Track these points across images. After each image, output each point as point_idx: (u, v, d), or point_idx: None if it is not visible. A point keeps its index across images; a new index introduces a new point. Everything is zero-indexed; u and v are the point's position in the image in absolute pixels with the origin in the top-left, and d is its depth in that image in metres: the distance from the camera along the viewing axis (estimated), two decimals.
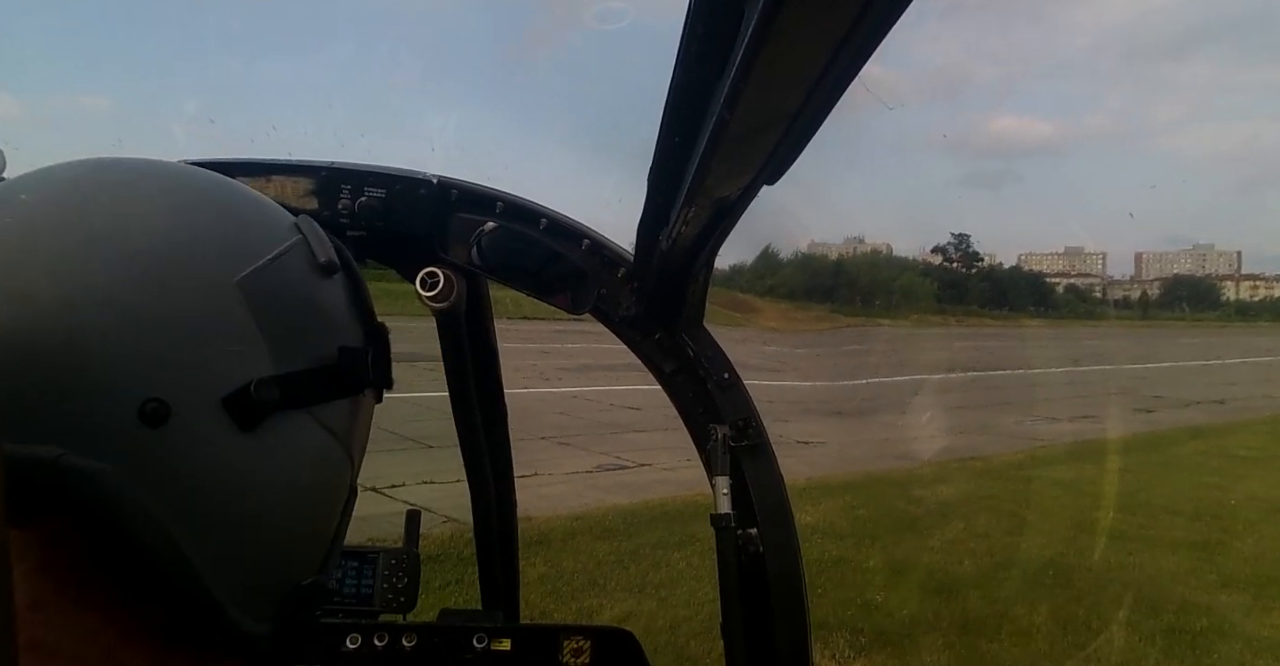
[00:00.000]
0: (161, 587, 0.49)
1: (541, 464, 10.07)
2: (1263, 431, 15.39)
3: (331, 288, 0.60)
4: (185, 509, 0.49)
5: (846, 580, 6.75)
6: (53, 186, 0.54)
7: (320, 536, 0.59)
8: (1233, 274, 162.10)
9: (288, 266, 0.56)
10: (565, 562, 6.78)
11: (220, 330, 0.51)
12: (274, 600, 0.55)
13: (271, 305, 0.54)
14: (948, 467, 11.84)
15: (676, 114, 0.63)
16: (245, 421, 0.51)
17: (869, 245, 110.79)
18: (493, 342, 1.55)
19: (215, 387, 0.50)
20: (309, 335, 0.57)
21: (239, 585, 0.52)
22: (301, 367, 0.55)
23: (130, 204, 0.53)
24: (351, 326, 0.61)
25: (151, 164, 0.59)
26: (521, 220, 1.19)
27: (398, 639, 1.44)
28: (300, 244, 0.58)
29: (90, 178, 0.55)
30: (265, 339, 0.53)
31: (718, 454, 1.14)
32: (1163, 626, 6.08)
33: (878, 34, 0.47)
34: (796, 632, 1.15)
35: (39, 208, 0.52)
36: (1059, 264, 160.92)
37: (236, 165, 1.15)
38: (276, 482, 0.53)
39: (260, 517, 0.53)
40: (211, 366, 0.50)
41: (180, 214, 0.54)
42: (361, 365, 0.60)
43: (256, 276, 0.53)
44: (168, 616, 0.50)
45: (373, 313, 0.64)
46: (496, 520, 1.67)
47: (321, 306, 0.58)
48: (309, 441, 0.56)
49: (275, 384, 0.52)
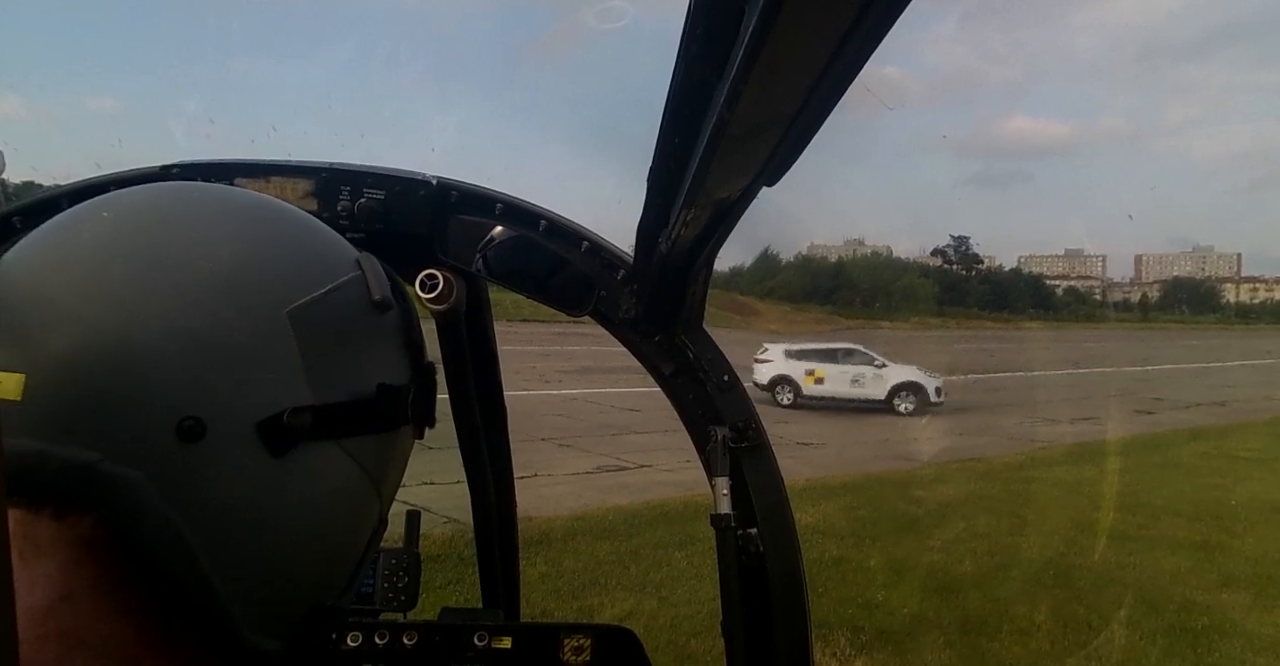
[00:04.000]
0: (176, 595, 0.50)
1: (542, 465, 10.09)
2: (1263, 433, 15.41)
3: (381, 324, 0.61)
4: (206, 522, 0.50)
5: (847, 579, 6.75)
6: (129, 209, 0.57)
7: (339, 563, 0.60)
8: (1233, 276, 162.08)
9: (340, 301, 0.58)
10: (566, 562, 6.79)
11: (263, 358, 0.53)
12: (288, 620, 0.56)
13: (318, 337, 0.55)
14: (948, 468, 11.84)
15: (676, 114, 0.63)
16: (276, 447, 0.53)
17: (869, 247, 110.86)
18: (492, 344, 1.55)
19: (251, 412, 0.52)
20: (350, 369, 0.58)
21: (252, 602, 0.53)
22: (338, 400, 0.56)
23: (197, 232, 0.55)
24: (397, 363, 0.62)
25: (226, 191, 0.61)
26: (521, 222, 1.19)
27: (398, 637, 1.44)
28: (357, 280, 0.60)
29: (165, 203, 0.58)
30: (305, 369, 0.54)
31: (718, 455, 1.13)
32: (1163, 625, 6.09)
33: (878, 34, 0.47)
34: (797, 631, 1.15)
35: (112, 230, 0.55)
36: (1059, 266, 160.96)
37: (236, 166, 1.15)
38: (297, 509, 0.55)
39: (278, 539, 0.54)
40: (250, 391, 0.52)
41: (243, 244, 0.56)
42: (400, 403, 0.61)
43: (307, 308, 0.55)
44: (184, 625, 0.51)
45: (423, 350, 0.65)
46: (497, 520, 1.67)
47: (367, 342, 0.60)
48: (335, 472, 0.57)
49: (309, 413, 0.54)
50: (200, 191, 0.60)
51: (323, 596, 0.59)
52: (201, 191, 0.60)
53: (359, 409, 0.58)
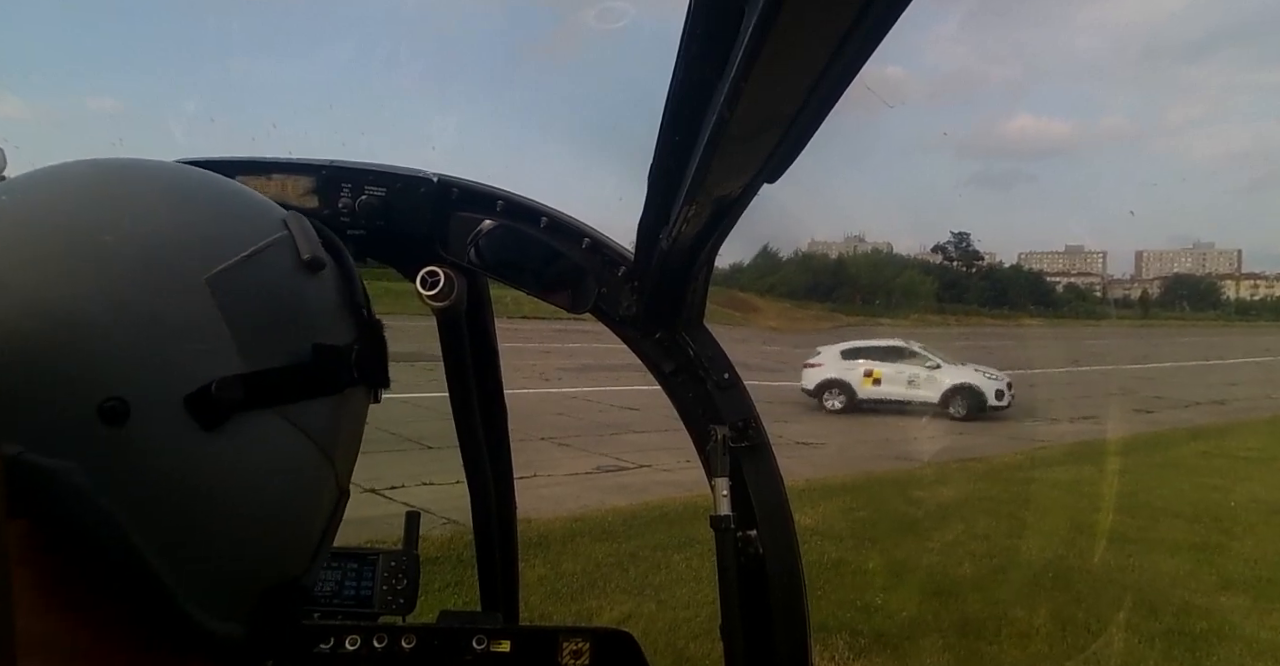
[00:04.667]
0: (121, 587, 0.48)
1: (541, 465, 10.08)
2: (1263, 432, 15.40)
3: (315, 285, 0.58)
4: (143, 509, 0.48)
5: (846, 581, 6.75)
6: (36, 186, 0.54)
7: (296, 538, 0.58)
8: (1233, 273, 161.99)
9: (265, 263, 0.55)
10: (565, 564, 6.78)
11: (185, 329, 0.50)
12: (244, 602, 0.54)
13: (242, 303, 0.53)
14: (947, 468, 11.85)
15: (676, 113, 0.63)
16: (207, 421, 0.50)
17: (869, 244, 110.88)
18: (493, 342, 1.55)
19: (177, 387, 0.49)
20: (283, 333, 0.55)
21: (202, 586, 0.51)
22: (272, 366, 0.54)
23: (108, 202, 0.52)
24: (337, 324, 0.60)
25: (141, 163, 0.58)
26: (522, 219, 1.19)
27: (397, 640, 1.44)
28: (283, 240, 0.57)
29: (73, 177, 0.54)
30: (234, 337, 0.52)
31: (717, 454, 1.13)
32: (1162, 628, 6.09)
33: (878, 34, 0.47)
34: (796, 634, 1.14)
35: (17, 207, 0.52)
36: (1059, 263, 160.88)
37: (237, 164, 1.15)
38: (240, 483, 0.52)
39: (222, 518, 0.52)
40: (174, 365, 0.50)
41: (157, 212, 0.53)
42: (341, 364, 0.59)
43: (227, 274, 0.53)
44: (134, 617, 0.50)
45: (365, 309, 0.62)
46: (496, 522, 1.67)
47: (299, 304, 0.57)
48: (278, 442, 0.54)
49: (240, 383, 0.51)
50: (112, 163, 0.57)
51: (279, 575, 0.57)
52: (113, 164, 0.57)
53: (296, 373, 0.55)
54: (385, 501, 7.51)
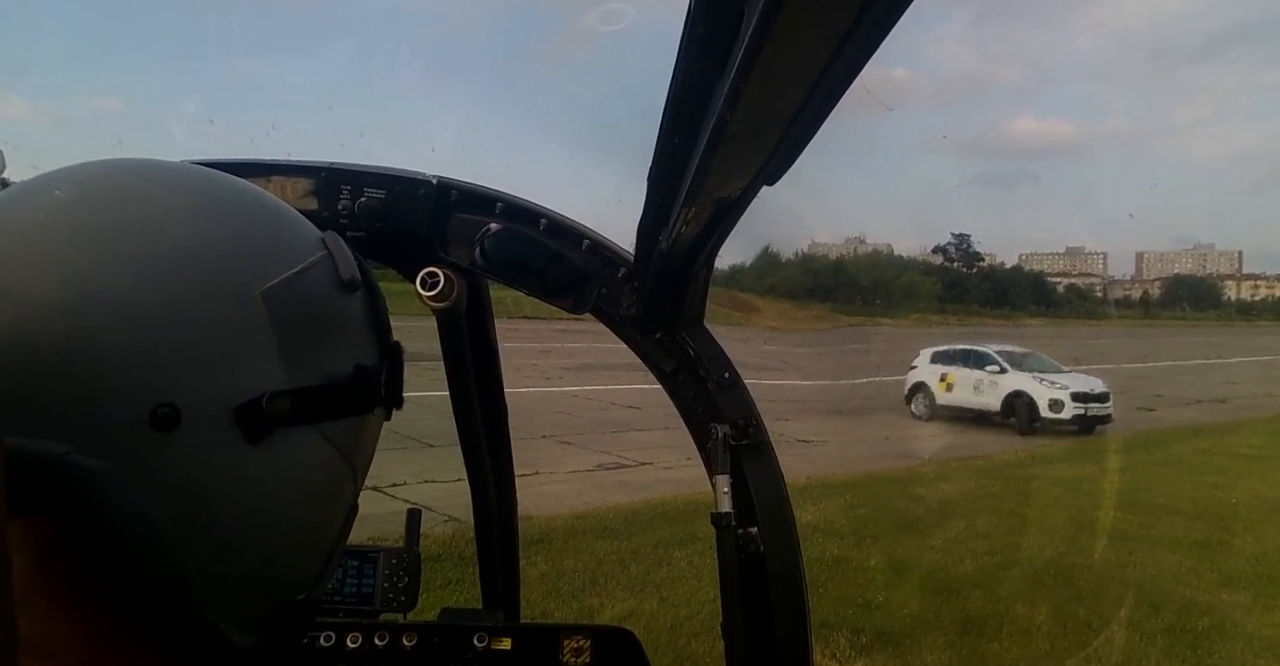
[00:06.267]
0: (148, 592, 0.48)
1: (542, 463, 10.08)
2: (1264, 430, 15.38)
3: (352, 304, 0.59)
4: (182, 515, 0.48)
5: (847, 579, 6.75)
6: (79, 184, 0.53)
7: (315, 552, 0.58)
8: (1234, 273, 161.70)
9: (312, 281, 0.56)
10: (566, 561, 6.79)
11: (239, 340, 0.51)
12: (262, 614, 0.55)
13: (292, 318, 0.53)
14: (949, 466, 11.85)
15: (676, 114, 0.63)
16: (253, 433, 0.50)
17: (870, 245, 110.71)
18: (493, 342, 1.55)
19: (228, 397, 0.50)
20: (325, 351, 0.56)
21: (227, 596, 0.51)
22: (315, 383, 0.54)
23: (156, 204, 0.52)
24: (367, 344, 0.61)
25: (181, 167, 0.58)
26: (521, 220, 1.19)
27: (398, 638, 1.44)
28: (325, 259, 0.58)
29: (118, 176, 0.54)
30: (281, 352, 0.52)
31: (718, 453, 1.13)
32: (1163, 626, 6.08)
33: (878, 34, 0.47)
34: (797, 631, 1.15)
35: (62, 205, 0.51)
36: (1060, 263, 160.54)
37: (236, 165, 1.15)
38: (277, 496, 0.53)
39: (257, 529, 0.52)
40: (227, 375, 0.50)
41: (210, 218, 0.53)
42: (374, 384, 0.60)
43: (281, 288, 0.53)
44: (154, 625, 0.50)
45: (389, 330, 0.64)
46: (497, 519, 1.67)
47: (340, 323, 0.58)
48: (314, 457, 0.55)
49: (287, 397, 0.52)
50: (153, 165, 0.57)
51: (297, 587, 0.57)
52: (155, 165, 0.57)
53: (336, 392, 0.56)
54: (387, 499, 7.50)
